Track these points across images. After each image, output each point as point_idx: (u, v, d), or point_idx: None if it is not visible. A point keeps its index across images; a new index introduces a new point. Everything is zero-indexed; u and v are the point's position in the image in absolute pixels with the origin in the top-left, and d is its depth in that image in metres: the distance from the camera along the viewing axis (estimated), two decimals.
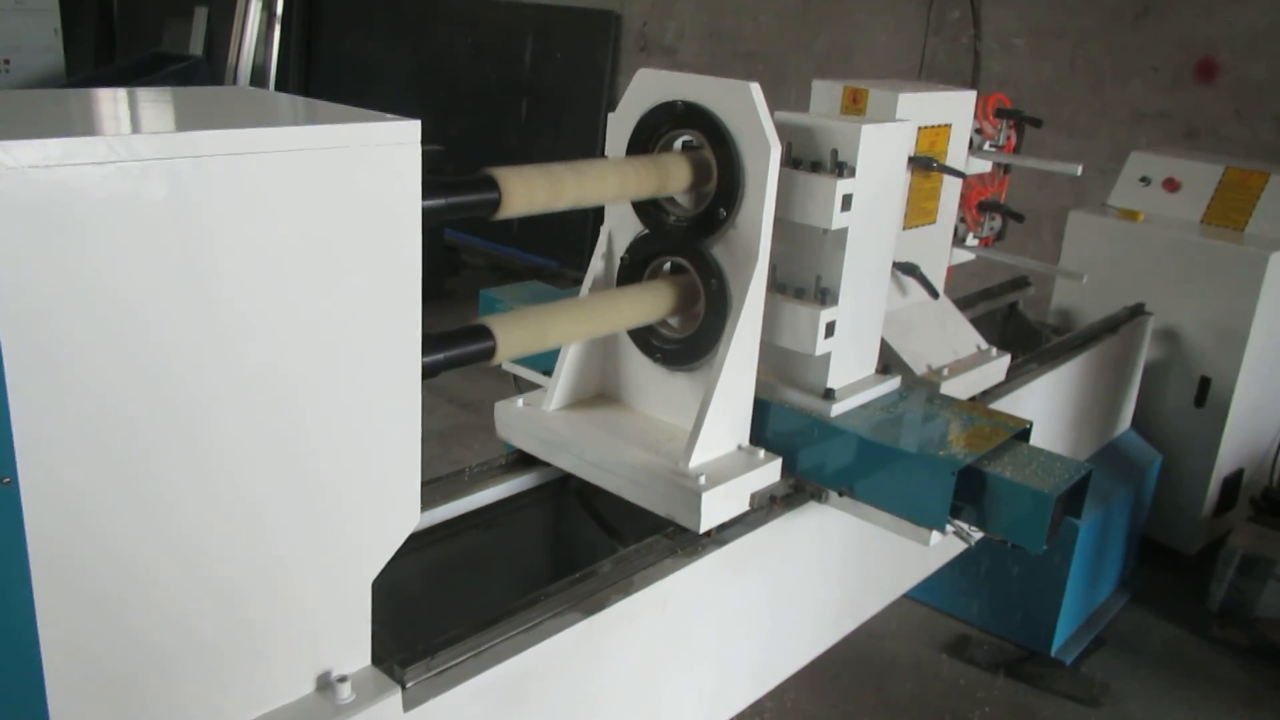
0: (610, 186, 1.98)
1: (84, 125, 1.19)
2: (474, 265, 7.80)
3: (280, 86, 8.99)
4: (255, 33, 9.01)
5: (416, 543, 2.21)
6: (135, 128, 1.22)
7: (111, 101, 1.46)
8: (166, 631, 1.34)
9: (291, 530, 1.44)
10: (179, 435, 1.28)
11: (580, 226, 7.38)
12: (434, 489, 2.24)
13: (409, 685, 1.60)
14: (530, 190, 1.79)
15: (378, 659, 1.61)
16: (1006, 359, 2.96)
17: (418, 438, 1.57)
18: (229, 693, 1.44)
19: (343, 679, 1.53)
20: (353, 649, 1.58)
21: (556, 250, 7.71)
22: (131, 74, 8.33)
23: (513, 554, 2.49)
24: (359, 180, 1.38)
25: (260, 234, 1.29)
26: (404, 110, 1.43)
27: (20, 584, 1.18)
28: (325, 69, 9.45)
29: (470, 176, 1.73)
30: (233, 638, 1.42)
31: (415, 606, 2.28)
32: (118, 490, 1.25)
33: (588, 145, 7.38)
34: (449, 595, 2.34)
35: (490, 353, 1.84)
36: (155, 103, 1.46)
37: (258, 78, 8.91)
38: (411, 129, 1.42)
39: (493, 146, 8.14)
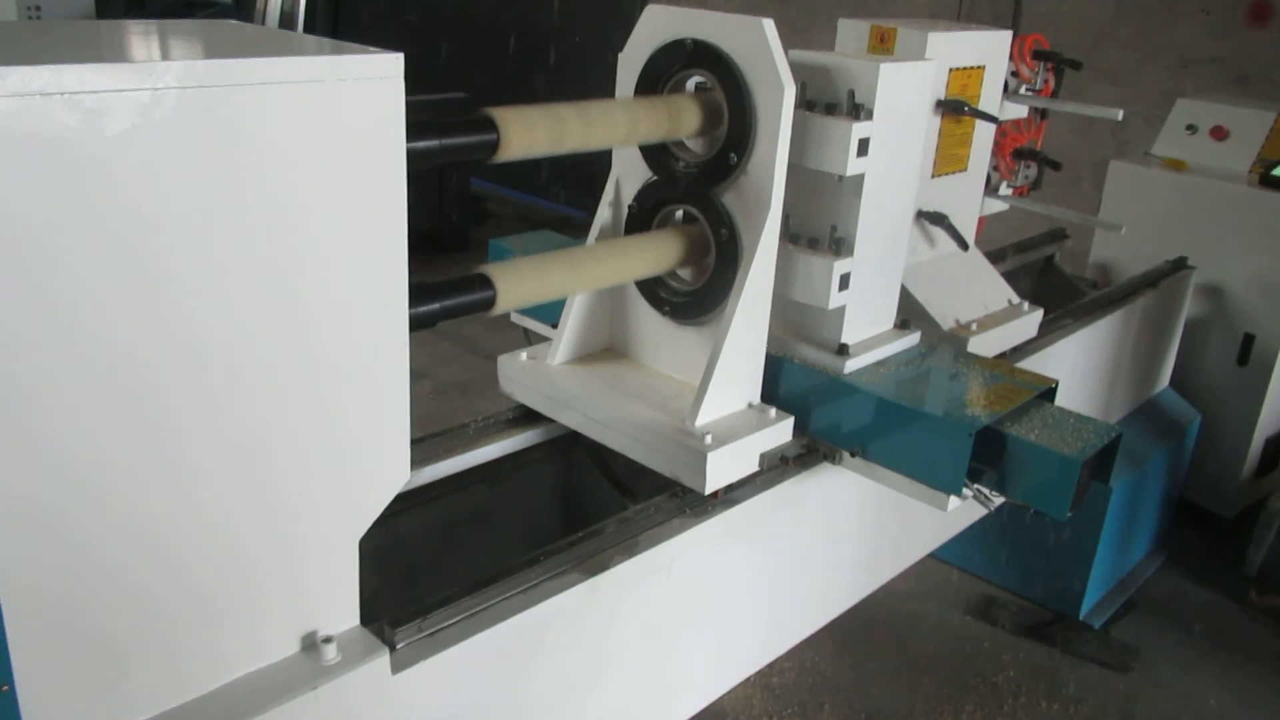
0: (617, 128, 1.89)
1: (40, 56, 1.12)
2: (501, 215, 7.72)
3: (308, 33, 8.92)
4: None
5: (419, 498, 2.16)
6: (92, 58, 1.15)
7: (82, 31, 1.38)
8: (127, 590, 1.29)
9: (272, 486, 1.38)
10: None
11: None
12: (436, 443, 2.18)
13: (399, 647, 1.55)
14: (531, 131, 1.70)
15: (373, 618, 1.56)
16: (1039, 314, 2.84)
17: (406, 390, 1.50)
18: (208, 653, 1.39)
19: (328, 639, 1.48)
20: (340, 609, 1.53)
21: (585, 200, 7.59)
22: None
23: (522, 511, 2.43)
24: (337, 116, 1.30)
25: (228, 172, 1.22)
26: (433, 59, 1.34)
27: None
28: (353, 17, 9.34)
29: (465, 117, 1.64)
30: (211, 596, 1.37)
31: (420, 565, 2.24)
32: (109, 435, 1.21)
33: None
34: (455, 554, 2.29)
35: (490, 302, 1.77)
36: (125, 34, 1.39)
37: (286, 24, 8.83)
38: (394, 62, 1.34)
39: (520, 95, 7.99)
